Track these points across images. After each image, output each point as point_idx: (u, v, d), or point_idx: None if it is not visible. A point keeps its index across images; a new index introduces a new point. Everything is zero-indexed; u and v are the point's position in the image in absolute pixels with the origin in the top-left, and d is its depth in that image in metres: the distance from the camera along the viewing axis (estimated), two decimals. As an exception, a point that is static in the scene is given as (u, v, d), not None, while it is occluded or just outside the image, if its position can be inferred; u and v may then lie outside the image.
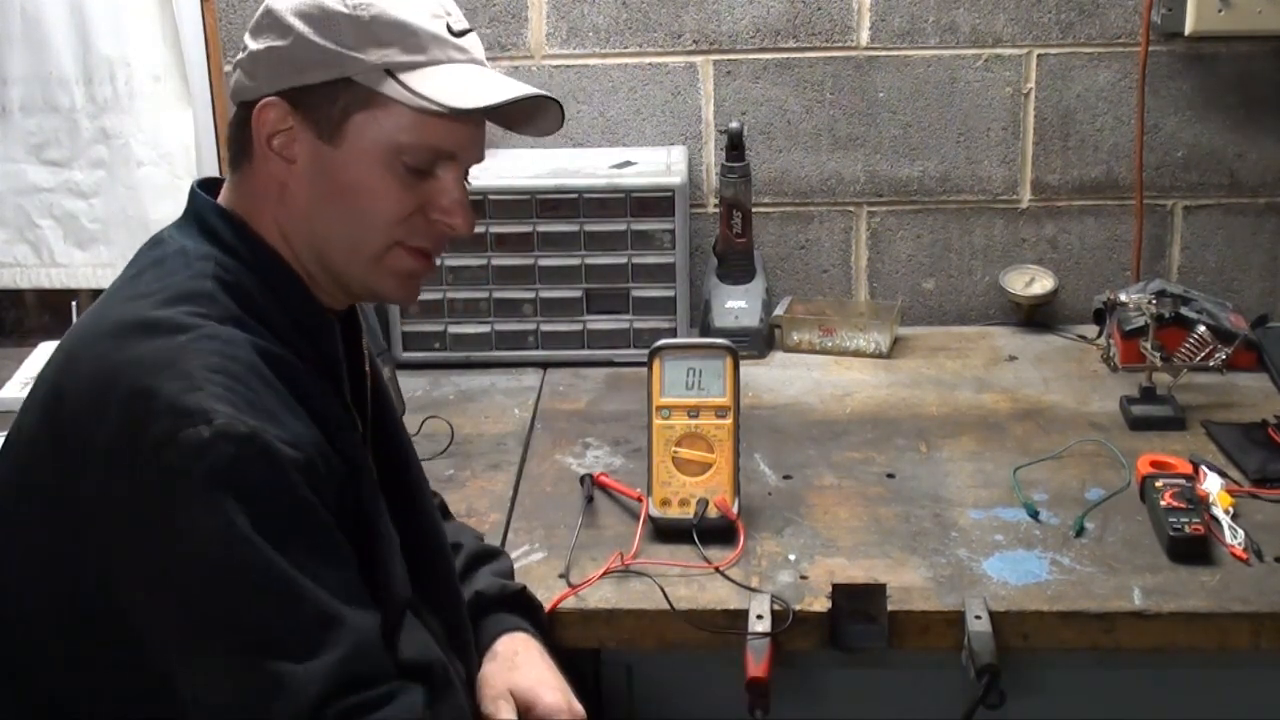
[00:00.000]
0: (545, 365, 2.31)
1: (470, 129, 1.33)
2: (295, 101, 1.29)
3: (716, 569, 1.69)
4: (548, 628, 1.60)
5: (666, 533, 1.76)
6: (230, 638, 1.17)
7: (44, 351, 2.35)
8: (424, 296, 2.25)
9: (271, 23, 1.30)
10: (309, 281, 1.34)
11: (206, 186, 1.37)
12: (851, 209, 2.44)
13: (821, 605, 1.62)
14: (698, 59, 2.37)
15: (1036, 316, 2.42)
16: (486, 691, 1.47)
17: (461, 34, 1.33)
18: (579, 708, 1.46)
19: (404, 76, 1.28)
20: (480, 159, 1.37)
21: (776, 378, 2.25)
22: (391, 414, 1.51)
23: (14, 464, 1.28)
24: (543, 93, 1.35)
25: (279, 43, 1.28)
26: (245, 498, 1.16)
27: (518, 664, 1.49)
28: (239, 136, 1.33)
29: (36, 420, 1.26)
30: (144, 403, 1.17)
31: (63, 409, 1.23)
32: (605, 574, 1.68)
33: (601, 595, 1.65)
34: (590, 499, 1.85)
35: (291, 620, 1.17)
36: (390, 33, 1.28)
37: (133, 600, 1.20)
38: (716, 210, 2.37)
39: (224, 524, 1.15)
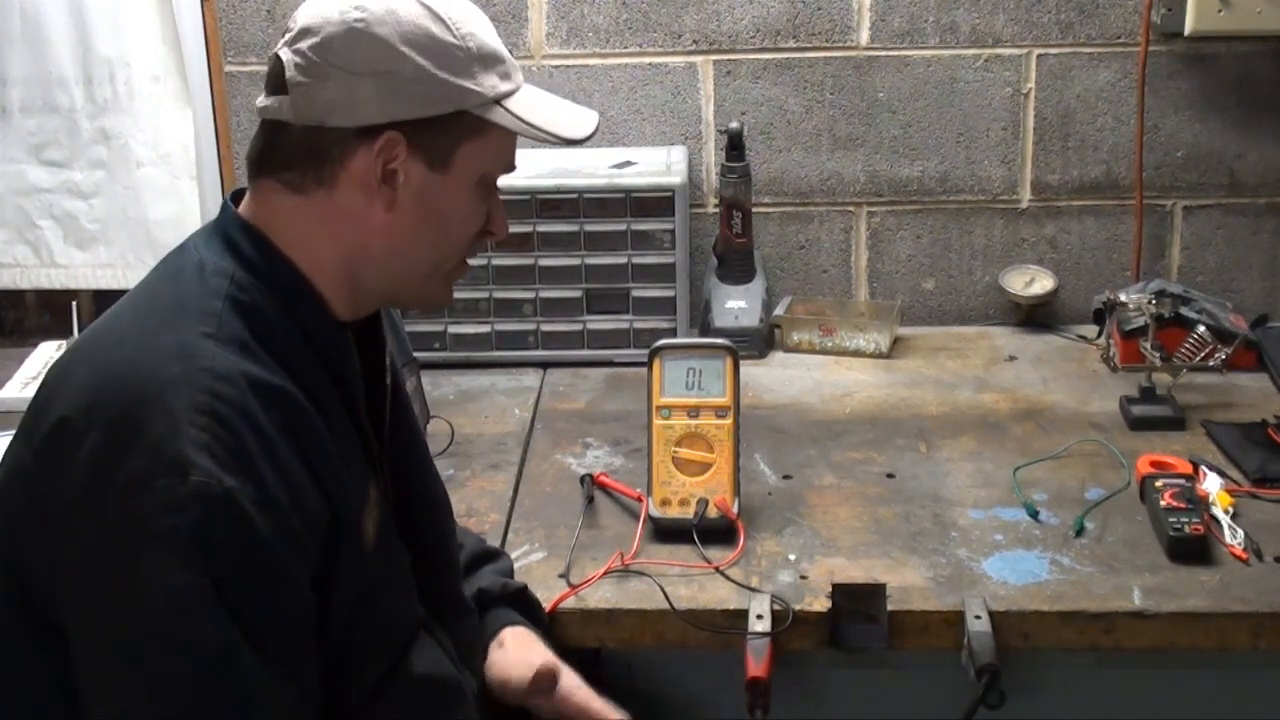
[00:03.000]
0: (545, 365, 2.30)
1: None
2: (410, 132, 1.27)
3: (716, 569, 1.69)
4: (548, 627, 1.61)
5: (666, 533, 1.76)
6: (161, 698, 1.15)
7: (44, 351, 2.35)
8: (424, 296, 2.27)
9: (371, 47, 1.25)
10: (331, 298, 1.32)
11: (239, 196, 1.35)
12: (851, 209, 2.44)
13: (821, 605, 1.62)
14: (698, 59, 2.37)
15: (1036, 316, 2.42)
16: (509, 670, 1.50)
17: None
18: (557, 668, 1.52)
19: (508, 104, 1.31)
20: None
21: (776, 378, 2.25)
22: (411, 427, 1.50)
23: (12, 449, 1.27)
24: (593, 112, 1.41)
25: (393, 71, 1.25)
26: (209, 564, 1.14)
27: (528, 648, 1.53)
28: (311, 158, 1.28)
29: (34, 413, 1.26)
30: (127, 435, 1.16)
31: (56, 409, 1.22)
32: (605, 574, 1.68)
33: (601, 595, 1.65)
34: (591, 499, 1.85)
35: (226, 694, 1.16)
36: (491, 61, 1.31)
37: (71, 618, 1.19)
38: (716, 210, 2.37)
39: (182, 588, 1.14)
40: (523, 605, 1.60)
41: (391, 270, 1.33)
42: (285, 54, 1.27)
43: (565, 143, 1.36)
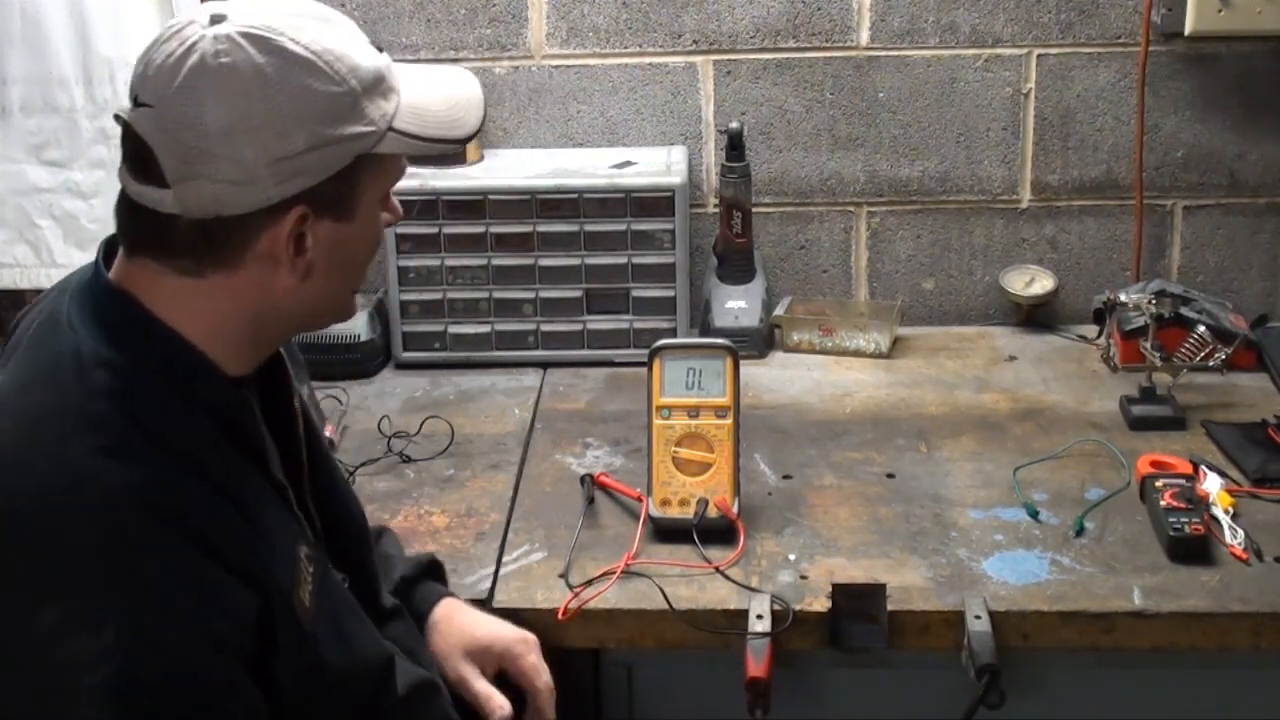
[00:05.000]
0: (545, 365, 2.30)
1: None
2: (315, 199, 1.20)
3: (716, 569, 1.69)
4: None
5: (666, 533, 1.76)
6: None
7: (44, 351, 2.35)
8: (424, 296, 2.27)
9: (260, 131, 1.16)
10: (226, 361, 1.23)
11: (113, 250, 1.25)
12: (851, 209, 2.44)
13: (821, 605, 1.63)
14: (698, 59, 2.37)
15: (1036, 316, 2.42)
16: (446, 664, 1.51)
17: (381, 50, 1.27)
18: (530, 635, 1.56)
19: (398, 126, 1.24)
20: None
21: (776, 378, 2.25)
22: (324, 454, 1.45)
23: None
24: (472, 79, 1.35)
25: (288, 151, 1.17)
26: (144, 710, 1.09)
27: (462, 624, 1.55)
28: (208, 247, 1.19)
29: None
30: (24, 581, 1.09)
31: None
32: (604, 575, 1.68)
33: (601, 595, 1.65)
34: (591, 499, 1.85)
35: None
36: (374, 86, 1.22)
37: None
38: (716, 210, 2.37)
39: None
40: (435, 572, 1.63)
41: (303, 319, 1.29)
42: (154, 141, 1.16)
43: (460, 144, 1.30)
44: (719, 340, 1.85)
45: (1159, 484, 1.78)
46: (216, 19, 1.18)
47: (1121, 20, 2.32)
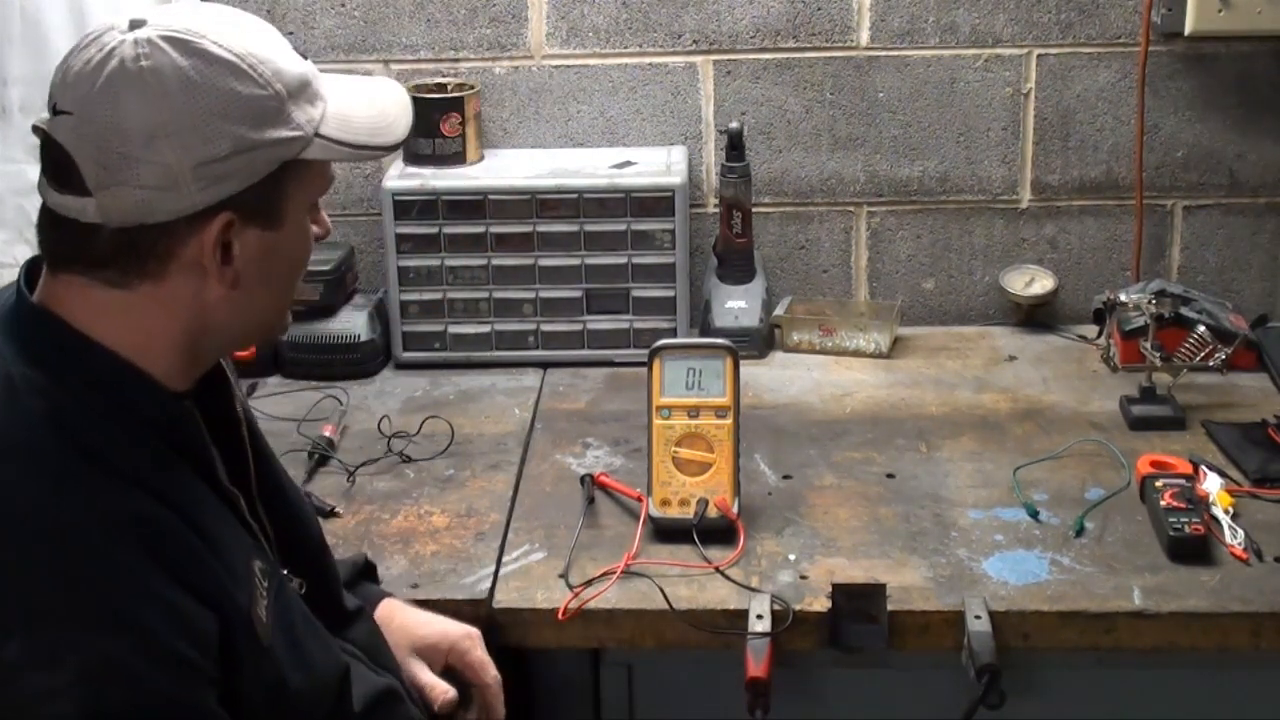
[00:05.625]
0: (545, 365, 2.30)
1: None
2: (241, 206, 1.17)
3: (716, 569, 1.69)
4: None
5: (666, 533, 1.76)
6: None
7: (44, 351, 2.35)
8: (424, 296, 2.27)
9: (180, 134, 1.13)
10: (164, 375, 1.20)
11: (35, 272, 1.22)
12: (851, 209, 2.44)
13: (821, 605, 1.63)
14: (698, 59, 2.37)
15: (1036, 316, 2.42)
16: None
17: (304, 56, 1.25)
18: (474, 629, 1.57)
19: (324, 132, 1.21)
20: None
21: (776, 378, 2.25)
22: (269, 457, 1.42)
23: None
24: (398, 87, 1.33)
25: (211, 156, 1.14)
26: None
27: (404, 623, 1.56)
28: (131, 257, 1.16)
29: None
30: None
31: None
32: (604, 575, 1.68)
33: (602, 595, 1.65)
34: (591, 499, 1.85)
35: None
36: (299, 91, 1.20)
37: None
38: (716, 210, 2.37)
39: None
40: (370, 572, 1.64)
41: (236, 331, 1.26)
42: (74, 148, 1.13)
43: (387, 151, 1.28)
44: (719, 340, 1.85)
45: (1159, 484, 1.78)
46: (136, 24, 1.15)
47: (1121, 20, 2.32)
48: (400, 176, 2.26)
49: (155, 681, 1.10)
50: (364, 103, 1.27)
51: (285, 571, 1.34)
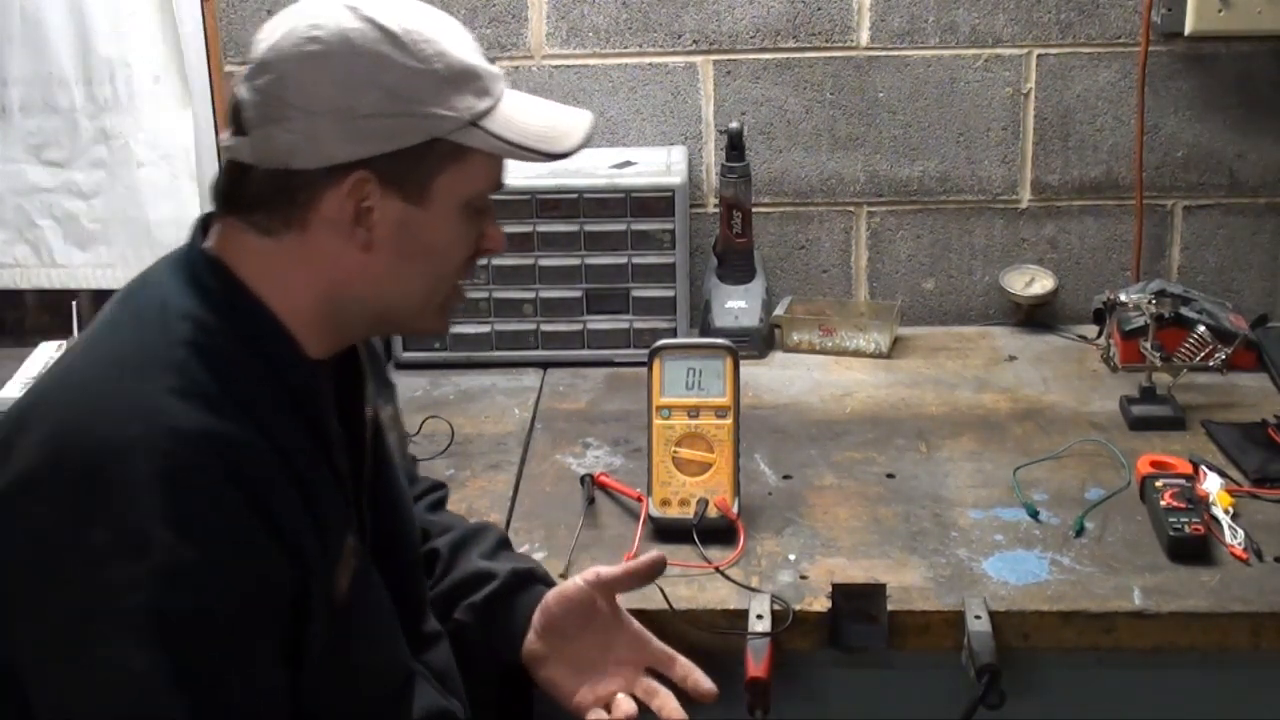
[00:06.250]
0: (545, 365, 2.30)
1: None
2: (381, 169, 1.22)
3: (716, 569, 1.69)
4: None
5: (666, 533, 1.76)
6: None
7: (44, 351, 2.35)
8: (424, 296, 2.27)
9: (326, 83, 1.20)
10: (304, 337, 1.26)
11: (209, 222, 1.30)
12: (851, 209, 2.44)
13: (821, 605, 1.62)
14: (698, 59, 2.37)
15: (1036, 316, 2.42)
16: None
17: (493, 61, 1.31)
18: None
19: (486, 124, 1.25)
20: None
21: (776, 378, 2.25)
22: (389, 462, 1.45)
23: None
24: (587, 114, 1.36)
25: (351, 108, 1.20)
26: (172, 644, 1.12)
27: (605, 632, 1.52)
28: (279, 201, 1.23)
29: None
30: (85, 504, 1.12)
31: (12, 465, 1.16)
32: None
33: (601, 595, 1.65)
34: (591, 499, 1.85)
35: None
36: (464, 81, 1.24)
37: (30, 682, 1.16)
38: (716, 210, 2.37)
39: (146, 669, 1.11)
40: (541, 578, 1.62)
41: (377, 307, 1.29)
42: (243, 91, 1.22)
43: (550, 158, 1.30)
44: (719, 340, 1.85)
45: (1159, 484, 1.78)
46: None
47: (1121, 20, 2.32)
48: (400, 176, 2.26)
49: (219, 601, 1.14)
50: (542, 114, 1.32)
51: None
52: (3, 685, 1.18)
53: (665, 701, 1.47)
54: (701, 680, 1.49)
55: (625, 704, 1.47)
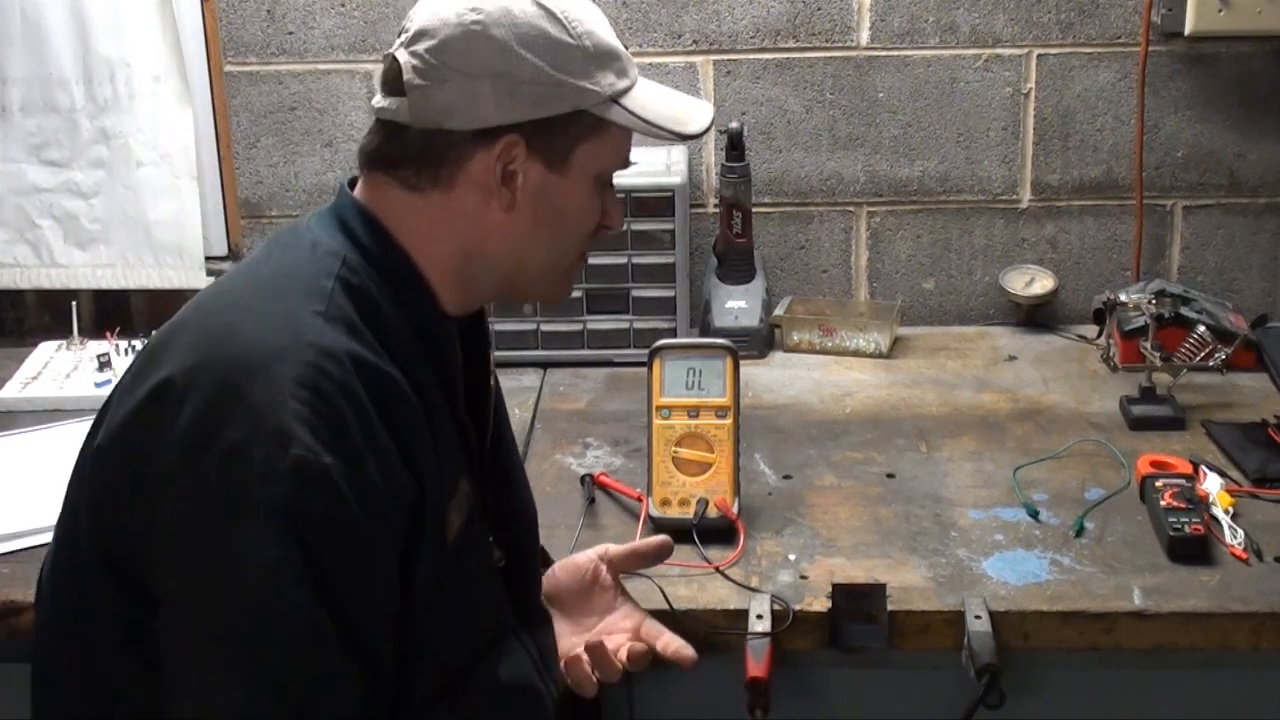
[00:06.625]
0: (545, 365, 2.30)
1: None
2: (529, 134, 1.30)
3: (716, 569, 1.69)
4: None
5: (666, 533, 1.75)
6: (243, 679, 1.16)
7: (44, 351, 2.35)
8: (424, 296, 2.27)
9: (488, 50, 1.28)
10: (440, 291, 1.33)
11: (354, 183, 1.37)
12: (851, 209, 2.44)
13: (821, 605, 1.62)
14: (698, 59, 2.37)
15: (1036, 316, 2.42)
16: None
17: (626, 48, 1.37)
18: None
19: (625, 102, 1.33)
20: None
21: (776, 378, 2.25)
22: (507, 429, 1.52)
23: (112, 411, 1.28)
24: (707, 105, 1.46)
25: (510, 73, 1.28)
26: (303, 539, 1.16)
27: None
28: (429, 160, 1.30)
29: (134, 374, 1.27)
30: (228, 401, 1.17)
31: (159, 369, 1.23)
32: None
33: (601, 595, 1.65)
34: (591, 499, 1.85)
35: (308, 671, 1.17)
36: (608, 59, 1.32)
37: (162, 579, 1.21)
38: (716, 210, 2.37)
39: (275, 560, 1.15)
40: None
41: (507, 268, 1.36)
42: (402, 56, 1.29)
43: (681, 139, 1.40)
44: (719, 340, 1.85)
45: (1159, 484, 1.78)
46: None
47: (1121, 20, 2.32)
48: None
49: (357, 511, 1.18)
50: (670, 99, 1.41)
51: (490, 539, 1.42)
52: (113, 581, 1.24)
53: (670, 640, 1.54)
54: (683, 647, 1.54)
55: (635, 645, 1.53)
